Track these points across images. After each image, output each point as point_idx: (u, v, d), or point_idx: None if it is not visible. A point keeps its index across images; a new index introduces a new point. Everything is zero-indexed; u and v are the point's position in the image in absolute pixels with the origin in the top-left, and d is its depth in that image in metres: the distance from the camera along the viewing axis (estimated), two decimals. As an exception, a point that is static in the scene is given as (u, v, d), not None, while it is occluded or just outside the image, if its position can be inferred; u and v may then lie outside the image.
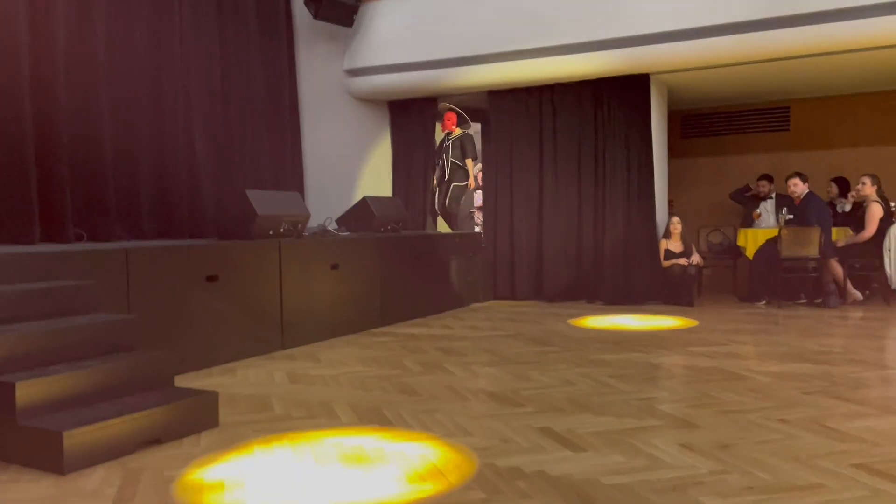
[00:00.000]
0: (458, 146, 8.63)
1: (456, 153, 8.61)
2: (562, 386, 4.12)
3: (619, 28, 7.28)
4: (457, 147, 8.63)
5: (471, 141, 8.64)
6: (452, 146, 8.64)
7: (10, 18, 5.28)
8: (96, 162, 5.93)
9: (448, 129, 8.71)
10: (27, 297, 3.46)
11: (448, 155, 8.66)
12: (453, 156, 8.61)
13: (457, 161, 8.59)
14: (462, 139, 8.63)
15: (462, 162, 8.60)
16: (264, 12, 7.89)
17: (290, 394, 4.05)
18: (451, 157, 8.61)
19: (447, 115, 8.64)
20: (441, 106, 8.67)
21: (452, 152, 8.62)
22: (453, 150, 8.63)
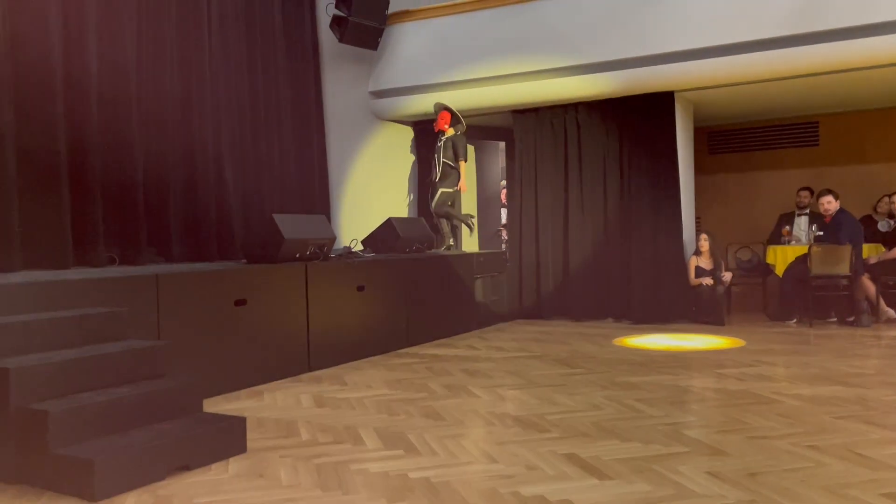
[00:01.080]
0: (450, 147, 8.18)
1: (448, 154, 8.16)
2: (588, 410, 4.09)
3: (642, 47, 7.28)
4: (449, 148, 8.18)
5: (463, 142, 8.25)
6: (444, 146, 8.19)
7: (43, 45, 5.46)
8: (127, 186, 6.08)
9: (440, 129, 8.27)
10: (61, 325, 3.54)
11: (440, 155, 8.22)
12: (445, 156, 8.16)
13: (449, 162, 8.16)
14: (454, 140, 8.21)
15: (454, 163, 8.20)
16: (291, 36, 8.04)
17: (317, 418, 4.07)
18: (443, 158, 8.17)
19: (441, 114, 8.24)
20: (436, 105, 8.29)
21: (444, 153, 8.17)
22: (445, 151, 8.17)
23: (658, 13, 7.20)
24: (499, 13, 8.04)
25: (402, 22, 8.54)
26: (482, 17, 8.14)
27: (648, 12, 7.25)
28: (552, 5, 7.75)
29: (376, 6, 8.14)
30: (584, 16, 7.56)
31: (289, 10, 8.03)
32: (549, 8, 7.77)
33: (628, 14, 7.35)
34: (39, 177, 5.38)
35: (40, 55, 5.41)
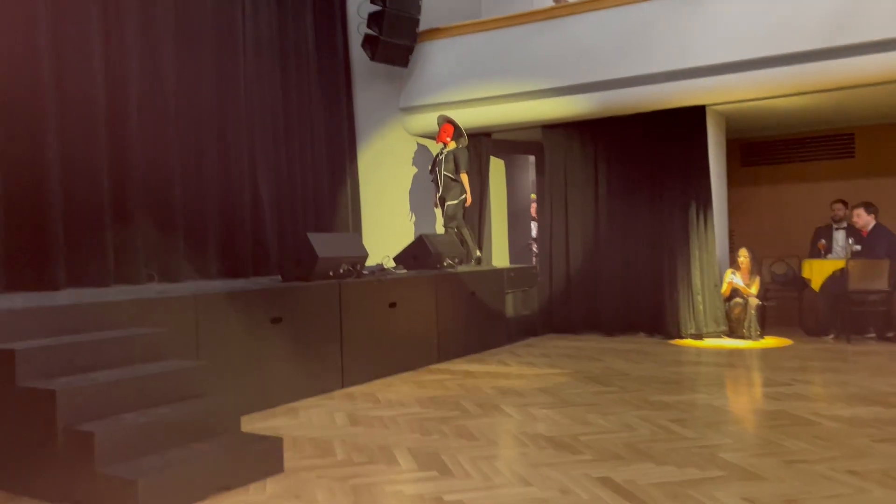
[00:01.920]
0: (451, 160, 8.06)
1: (449, 167, 8.03)
2: (621, 431, 4.08)
3: (672, 61, 7.27)
4: (450, 161, 8.05)
5: (465, 154, 8.11)
6: (446, 160, 8.07)
7: (87, 72, 5.63)
8: (166, 206, 6.23)
9: (442, 141, 8.16)
10: (103, 346, 3.64)
11: (441, 169, 8.09)
12: (446, 170, 8.03)
13: (450, 175, 8.03)
14: (456, 153, 8.08)
15: (456, 176, 8.05)
16: (324, 56, 8.17)
17: (351, 437, 4.13)
18: (444, 171, 8.04)
19: (444, 126, 8.13)
20: (439, 117, 8.20)
21: (445, 166, 8.04)
22: (446, 164, 8.04)
23: (688, 28, 7.19)
24: (527, 30, 8.09)
25: (432, 39, 8.63)
26: (511, 34, 8.20)
27: (678, 27, 7.23)
28: (580, 22, 7.78)
29: (407, 25, 8.24)
30: (613, 32, 7.57)
31: (321, 31, 8.16)
32: (577, 24, 7.80)
33: (658, 29, 7.34)
34: (82, 197, 5.55)
35: (83, 86, 5.58)
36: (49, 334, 3.64)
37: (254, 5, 7.27)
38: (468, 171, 8.14)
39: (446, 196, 8.05)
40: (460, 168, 8.03)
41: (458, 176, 8.06)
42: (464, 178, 8.05)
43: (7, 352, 3.23)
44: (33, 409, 3.12)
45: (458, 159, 8.05)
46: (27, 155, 5.17)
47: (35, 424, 3.12)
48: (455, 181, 8.05)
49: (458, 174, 8.05)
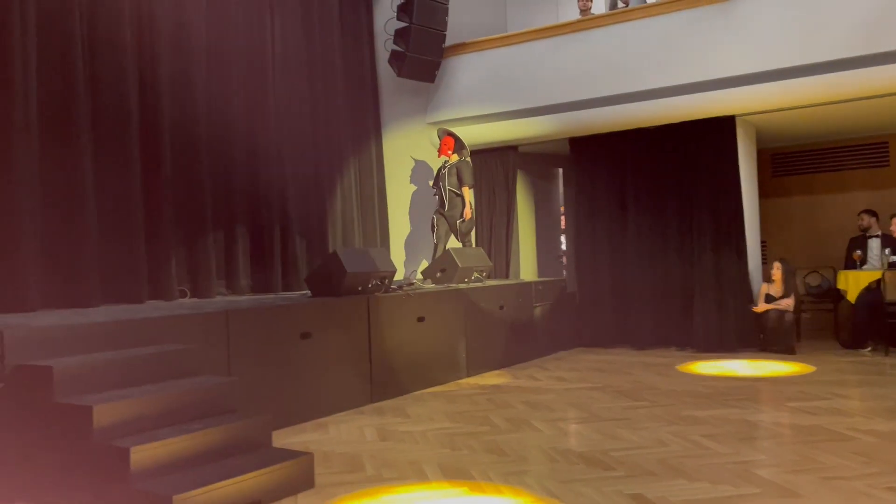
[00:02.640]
0: (454, 173, 7.83)
1: (452, 181, 7.81)
2: (653, 446, 4.03)
3: (701, 72, 7.22)
4: (453, 174, 7.83)
5: (468, 168, 7.90)
6: (449, 174, 7.84)
7: (120, 94, 5.77)
8: (198, 223, 6.34)
9: (444, 155, 7.95)
10: (137, 362, 3.71)
11: (444, 183, 7.85)
12: (450, 184, 7.79)
13: (454, 190, 7.80)
14: (459, 166, 7.86)
15: (459, 190, 7.82)
16: (351, 72, 8.27)
17: (381, 452, 4.13)
18: (447, 186, 7.80)
19: (444, 139, 7.95)
20: (440, 130, 8.07)
21: (449, 180, 7.81)
22: (449, 178, 7.81)
23: (717, 38, 7.14)
24: (553, 43, 8.10)
25: (458, 54, 8.68)
26: (536, 47, 8.22)
27: (706, 37, 7.19)
28: (606, 34, 7.77)
29: (433, 40, 8.30)
30: (640, 44, 7.55)
31: (348, 48, 8.27)
32: (603, 37, 7.79)
33: (686, 39, 7.30)
34: (115, 216, 5.68)
35: (114, 107, 5.73)
36: (85, 350, 3.72)
37: (282, 23, 7.40)
38: (472, 185, 7.94)
39: (451, 209, 7.84)
40: (464, 182, 7.83)
41: (461, 190, 7.85)
42: (467, 192, 7.85)
43: (45, 368, 3.30)
44: (70, 424, 3.18)
45: (461, 173, 7.85)
46: (63, 176, 5.30)
47: (72, 440, 3.17)
48: (459, 195, 7.86)
49: (461, 188, 7.85)
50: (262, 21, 7.18)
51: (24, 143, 4.96)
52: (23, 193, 4.92)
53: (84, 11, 5.56)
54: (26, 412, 3.30)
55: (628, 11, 7.82)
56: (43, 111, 5.19)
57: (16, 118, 4.92)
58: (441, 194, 7.90)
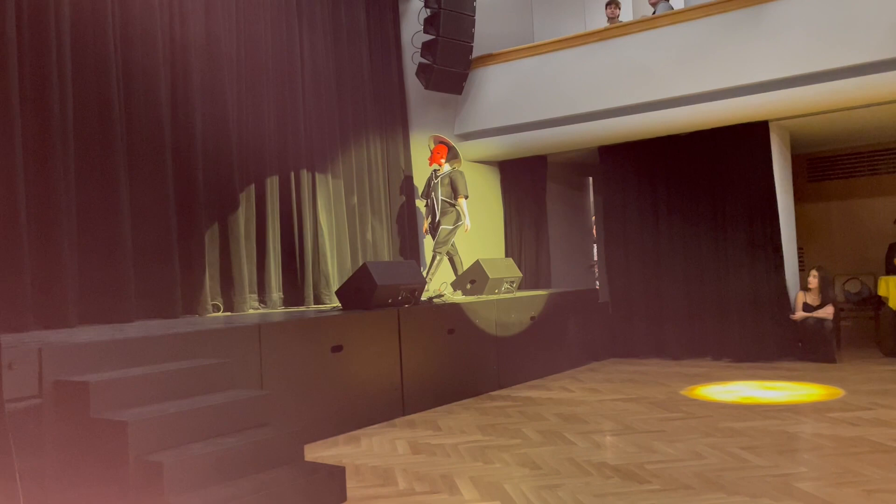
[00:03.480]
0: (447, 183, 7.55)
1: (446, 191, 7.52)
2: (690, 459, 3.96)
3: (733, 77, 7.12)
4: (446, 184, 7.54)
5: (462, 178, 7.62)
6: (441, 183, 7.56)
7: (154, 110, 5.88)
8: (231, 239, 6.43)
9: (436, 164, 7.67)
10: (171, 377, 3.75)
11: (437, 193, 7.56)
12: (443, 194, 7.51)
13: (447, 200, 7.51)
14: (452, 176, 7.57)
15: (452, 201, 7.54)
16: (379, 86, 8.34)
17: (413, 466, 4.12)
18: (441, 196, 7.52)
19: (437, 147, 7.67)
20: (432, 138, 7.83)
21: (442, 190, 7.53)
22: (442, 188, 7.53)
23: (748, 42, 7.04)
24: (581, 52, 8.07)
25: (486, 66, 8.69)
26: (564, 56, 8.19)
27: (737, 42, 7.10)
28: (634, 42, 7.71)
29: (460, 52, 8.33)
30: (669, 50, 7.48)
31: (376, 61, 8.33)
32: (632, 44, 7.74)
33: (716, 45, 7.21)
34: (151, 234, 5.79)
35: (150, 126, 5.85)
36: (121, 366, 3.77)
37: (311, 38, 7.50)
38: (468, 195, 7.67)
39: (442, 222, 7.55)
40: (458, 192, 7.55)
41: (456, 201, 7.56)
42: (462, 203, 7.56)
43: (81, 383, 3.36)
44: (106, 439, 3.22)
45: (455, 183, 7.58)
46: (100, 196, 5.43)
47: (107, 454, 3.21)
48: (452, 206, 7.55)
49: (455, 199, 7.55)
50: (292, 36, 7.28)
51: (61, 166, 5.09)
52: (61, 215, 5.04)
53: (118, 33, 5.69)
54: (64, 427, 3.36)
55: (656, 18, 7.76)
56: (78, 133, 5.32)
57: (53, 142, 5.05)
58: (433, 205, 7.62)
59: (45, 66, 5.07)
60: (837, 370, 6.62)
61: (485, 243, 8.95)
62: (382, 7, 8.53)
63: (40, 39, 5.07)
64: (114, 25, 5.63)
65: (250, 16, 6.89)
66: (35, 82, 5.03)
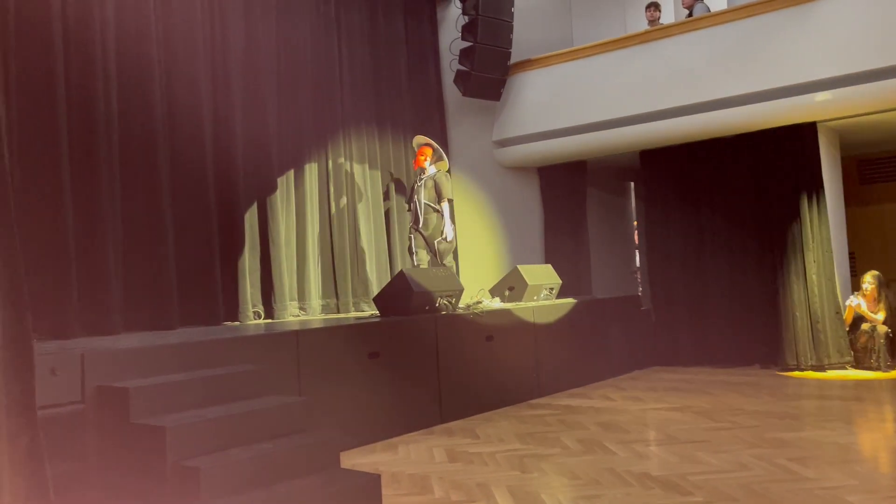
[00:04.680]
0: (431, 186, 7.04)
1: (429, 195, 7.01)
2: (735, 471, 3.83)
3: (779, 78, 6.93)
4: (430, 188, 7.03)
5: (447, 180, 7.14)
6: (425, 186, 7.03)
7: (196, 125, 6.00)
8: (273, 246, 6.51)
9: (420, 166, 7.16)
10: (211, 383, 3.78)
11: (420, 197, 7.05)
12: (426, 198, 7.00)
13: (430, 204, 7.00)
14: (436, 178, 7.05)
15: (436, 205, 7.03)
16: (417, 94, 8.36)
17: (450, 474, 4.08)
18: (424, 200, 7.02)
19: (421, 149, 7.18)
20: (416, 139, 7.36)
21: (425, 194, 7.01)
22: (426, 192, 7.01)
23: (794, 42, 6.85)
24: (621, 55, 7.96)
25: (524, 71, 8.64)
26: (604, 60, 8.09)
27: (783, 42, 6.91)
28: (676, 44, 7.57)
29: (498, 58, 8.29)
30: (712, 52, 7.32)
31: (414, 69, 8.36)
32: (673, 47, 7.60)
33: (760, 46, 7.04)
34: (194, 245, 5.90)
35: (191, 137, 5.97)
36: (161, 372, 3.82)
37: (349, 46, 7.56)
38: (451, 198, 7.23)
39: (426, 227, 7.01)
40: (442, 195, 7.04)
41: (440, 205, 7.06)
42: (446, 206, 7.07)
43: (122, 389, 3.41)
44: (145, 444, 3.26)
45: (439, 186, 7.04)
46: (144, 207, 5.55)
47: (146, 459, 3.25)
48: (435, 211, 7.05)
49: (439, 203, 7.05)
50: (330, 44, 7.36)
51: (106, 179, 5.27)
52: (106, 226, 5.20)
53: (161, 46, 5.82)
54: (104, 432, 3.42)
55: (698, 20, 7.61)
56: (123, 146, 5.48)
57: (98, 156, 5.23)
58: (416, 209, 7.12)
59: (90, 77, 5.22)
60: (891, 379, 6.36)
61: (524, 249, 8.87)
62: (420, 15, 8.56)
63: (86, 52, 5.22)
64: (157, 39, 5.77)
65: (290, 26, 6.98)
66: (81, 95, 5.19)
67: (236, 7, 6.47)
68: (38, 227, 4.81)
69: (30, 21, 4.91)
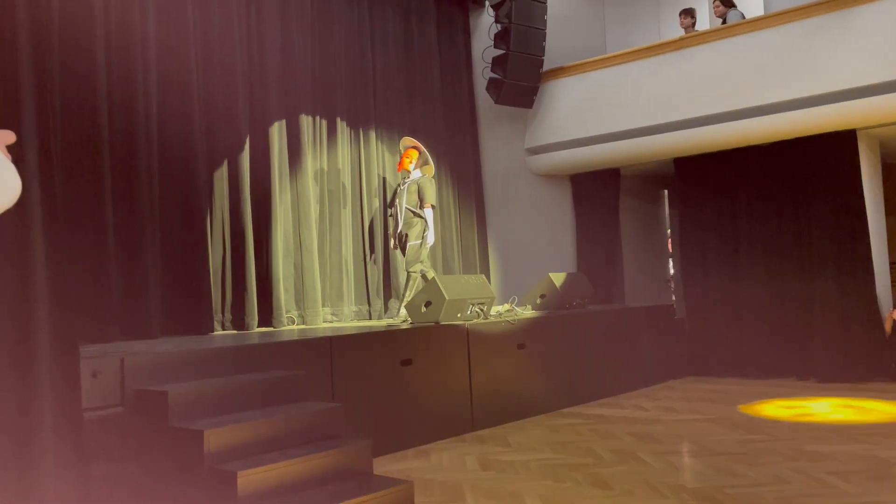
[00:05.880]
0: (414, 191, 6.70)
1: (412, 199, 6.67)
2: (772, 484, 3.76)
3: (818, 85, 6.83)
4: (413, 192, 6.69)
5: (432, 185, 6.79)
6: (408, 191, 6.71)
7: (235, 138, 6.10)
8: (305, 252, 6.57)
9: (404, 169, 6.86)
10: (246, 388, 3.83)
11: (401, 201, 6.73)
12: (409, 202, 6.67)
13: (412, 209, 6.66)
14: (420, 182, 6.70)
15: (418, 209, 6.68)
16: (450, 102, 8.40)
17: (482, 482, 4.07)
18: (405, 205, 6.68)
19: (406, 152, 6.88)
20: (402, 141, 7.08)
21: (408, 198, 6.68)
22: (409, 196, 6.68)
23: (833, 48, 6.74)
24: (656, 62, 7.91)
25: (557, 79, 8.62)
26: (638, 67, 8.04)
27: (821, 48, 6.81)
28: (712, 51, 7.50)
29: (531, 66, 8.29)
30: (749, 58, 7.24)
31: (447, 77, 8.40)
32: (710, 53, 7.53)
33: (800, 51, 6.94)
34: (230, 249, 6.01)
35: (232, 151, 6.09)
36: (198, 376, 3.88)
37: (383, 54, 7.63)
38: (434, 204, 6.88)
39: (407, 233, 6.68)
40: (425, 201, 6.68)
41: (422, 210, 6.69)
42: (429, 212, 6.69)
43: (161, 393, 3.47)
44: (182, 447, 3.31)
45: (423, 190, 6.69)
46: (182, 215, 5.66)
47: (183, 462, 3.31)
48: (418, 216, 6.70)
49: (422, 208, 6.69)
50: (364, 52, 7.43)
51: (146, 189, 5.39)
52: (145, 235, 5.33)
53: (199, 55, 5.94)
54: (143, 434, 3.48)
55: (734, 26, 7.52)
56: (162, 156, 5.59)
57: (139, 164, 5.37)
58: (396, 214, 6.83)
59: (131, 84, 5.35)
60: (936, 393, 6.21)
61: (556, 257, 8.83)
62: (453, 23, 8.61)
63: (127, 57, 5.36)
64: (195, 46, 5.88)
65: (325, 34, 7.06)
66: (121, 103, 5.31)
67: (272, 15, 6.57)
68: (80, 234, 4.92)
69: (72, 25, 5.04)
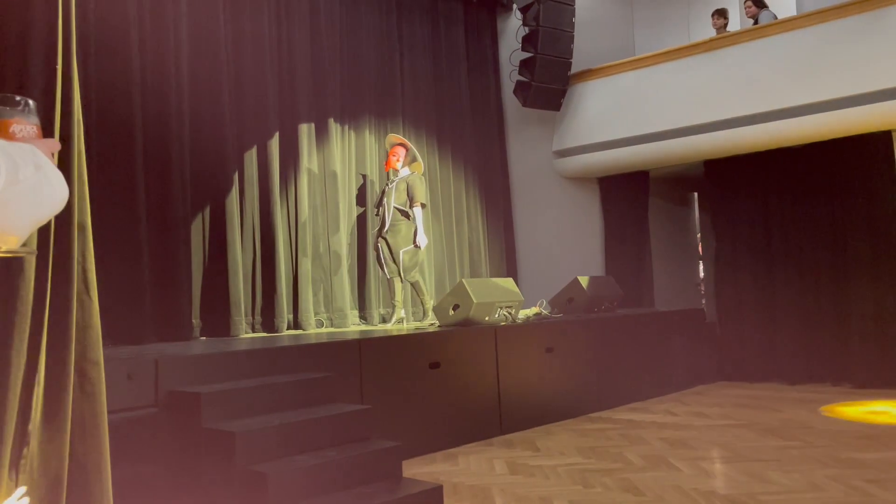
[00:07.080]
0: (403, 189, 6.41)
1: (400, 198, 6.39)
2: (808, 491, 3.70)
3: (852, 85, 6.69)
4: (401, 191, 6.41)
5: (421, 183, 6.53)
6: (397, 189, 6.42)
7: (263, 136, 6.16)
8: (333, 256, 6.62)
9: (391, 167, 6.59)
10: (277, 390, 3.86)
11: (389, 200, 6.43)
12: (397, 201, 6.37)
13: (400, 207, 6.38)
14: (410, 181, 6.44)
15: (406, 209, 6.40)
16: (477, 105, 8.41)
17: (511, 486, 4.05)
18: (393, 203, 6.39)
19: (393, 149, 6.61)
20: (388, 138, 6.84)
21: (396, 197, 6.38)
22: (397, 195, 6.39)
23: (868, 48, 6.61)
24: (686, 63, 7.82)
25: (584, 81, 8.57)
26: (668, 69, 7.96)
27: (858, 48, 6.68)
28: (744, 51, 7.40)
29: (559, 69, 8.26)
30: (781, 59, 7.13)
31: (474, 80, 8.41)
32: (741, 54, 7.43)
33: (834, 52, 6.82)
34: (262, 253, 6.09)
35: (259, 140, 6.14)
36: (230, 378, 3.93)
37: (411, 58, 7.67)
38: (426, 202, 6.61)
39: (393, 234, 6.38)
40: (415, 199, 6.40)
41: (412, 209, 6.42)
42: (418, 211, 6.41)
43: (194, 394, 3.52)
44: (214, 448, 3.35)
45: (412, 189, 6.42)
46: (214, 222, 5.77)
47: (215, 463, 3.34)
48: (405, 216, 6.41)
49: (411, 208, 6.42)
50: (392, 56, 7.48)
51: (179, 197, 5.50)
52: (179, 240, 5.42)
53: (231, 60, 6.02)
54: (176, 435, 3.52)
55: (766, 27, 7.42)
56: (194, 161, 5.69)
57: (172, 171, 5.48)
58: (384, 214, 6.49)
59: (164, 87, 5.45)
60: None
61: (584, 260, 8.78)
62: (481, 27, 8.62)
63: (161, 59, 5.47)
64: (226, 51, 5.97)
65: (354, 38, 7.12)
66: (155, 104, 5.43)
67: (302, 19, 6.64)
68: (114, 235, 5.01)
69: (108, 27, 5.14)
